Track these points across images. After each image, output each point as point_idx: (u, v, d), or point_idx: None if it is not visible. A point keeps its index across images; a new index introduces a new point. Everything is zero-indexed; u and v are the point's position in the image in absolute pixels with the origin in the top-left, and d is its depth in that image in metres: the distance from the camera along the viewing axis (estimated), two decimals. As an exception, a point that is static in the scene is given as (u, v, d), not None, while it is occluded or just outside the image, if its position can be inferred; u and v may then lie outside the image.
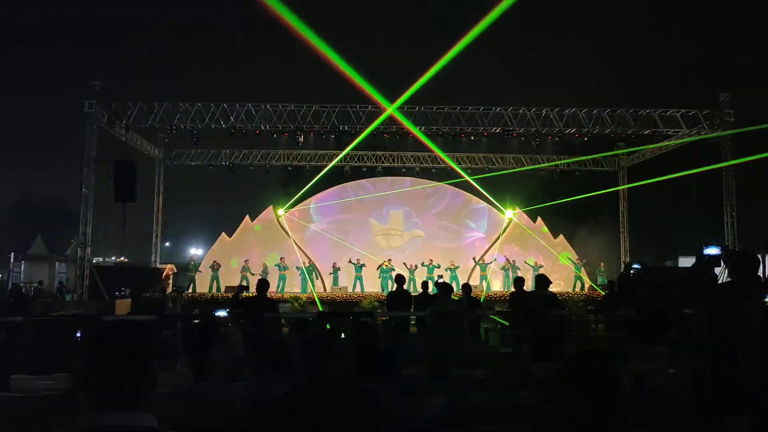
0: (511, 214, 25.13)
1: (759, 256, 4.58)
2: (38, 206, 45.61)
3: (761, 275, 4.68)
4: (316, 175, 24.30)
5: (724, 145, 19.82)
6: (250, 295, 10.97)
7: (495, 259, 23.51)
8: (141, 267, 26.61)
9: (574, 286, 22.52)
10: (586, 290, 21.98)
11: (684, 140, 20.43)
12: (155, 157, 24.63)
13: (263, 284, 9.26)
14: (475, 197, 25.32)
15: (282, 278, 21.48)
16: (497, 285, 22.76)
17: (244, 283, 19.30)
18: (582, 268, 23.12)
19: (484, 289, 21.11)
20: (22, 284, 23.28)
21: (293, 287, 21.84)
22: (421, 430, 4.04)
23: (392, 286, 20.53)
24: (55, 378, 4.72)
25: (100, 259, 28.16)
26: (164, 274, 22.17)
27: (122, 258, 32.61)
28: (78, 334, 8.60)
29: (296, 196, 25.02)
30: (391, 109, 18.73)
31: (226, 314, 5.85)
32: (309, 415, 2.53)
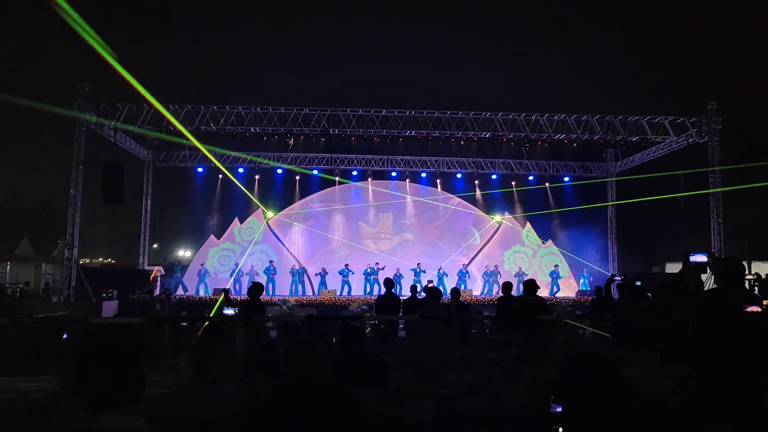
0: (500, 219, 25.22)
1: (744, 262, 4.63)
2: (26, 207, 45.12)
3: (747, 281, 4.73)
4: (306, 178, 24.28)
5: (711, 152, 20.02)
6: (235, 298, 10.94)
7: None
8: (128, 269, 26.44)
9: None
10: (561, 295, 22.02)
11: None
12: (144, 158, 24.49)
13: (257, 288, 9.23)
14: (465, 201, 25.39)
15: (271, 281, 21.40)
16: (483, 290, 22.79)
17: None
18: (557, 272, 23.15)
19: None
20: (7, 285, 23.03)
21: (283, 290, 21.77)
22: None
23: (377, 289, 20.62)
24: (42, 380, 4.68)
25: (88, 261, 27.99)
26: (152, 276, 22.02)
27: (110, 259, 32.42)
28: (65, 336, 8.52)
29: (285, 199, 24.97)
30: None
31: (233, 312, 5.83)
32: (290, 416, 2.56)
